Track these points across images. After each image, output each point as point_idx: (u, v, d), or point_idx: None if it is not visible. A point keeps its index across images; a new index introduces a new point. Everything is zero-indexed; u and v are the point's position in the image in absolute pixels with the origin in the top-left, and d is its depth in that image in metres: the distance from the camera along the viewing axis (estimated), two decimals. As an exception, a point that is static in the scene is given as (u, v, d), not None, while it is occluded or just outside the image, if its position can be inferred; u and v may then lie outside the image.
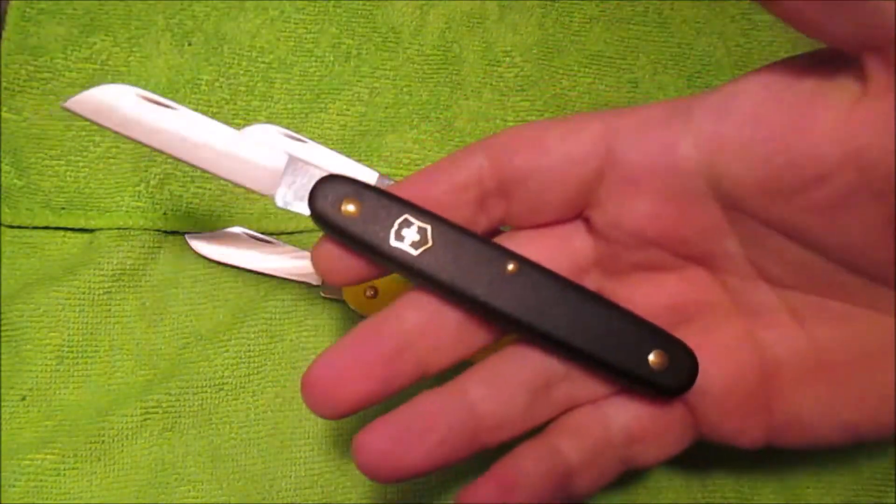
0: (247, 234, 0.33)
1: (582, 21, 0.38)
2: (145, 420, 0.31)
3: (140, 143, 0.24)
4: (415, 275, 0.22)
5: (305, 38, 0.37)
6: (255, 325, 0.32)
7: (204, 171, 0.24)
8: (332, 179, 0.23)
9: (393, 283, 0.32)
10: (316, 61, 0.36)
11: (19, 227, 0.34)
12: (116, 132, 0.24)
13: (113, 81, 0.35)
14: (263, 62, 0.36)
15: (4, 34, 0.36)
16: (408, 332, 0.23)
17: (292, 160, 0.24)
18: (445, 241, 0.22)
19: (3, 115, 0.35)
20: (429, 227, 0.22)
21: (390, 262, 0.22)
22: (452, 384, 0.24)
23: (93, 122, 0.24)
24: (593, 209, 0.24)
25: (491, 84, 0.36)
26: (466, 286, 0.22)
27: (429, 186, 0.23)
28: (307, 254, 0.33)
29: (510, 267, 0.22)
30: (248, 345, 0.32)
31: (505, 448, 0.24)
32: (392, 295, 0.32)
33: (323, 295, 0.33)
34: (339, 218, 0.22)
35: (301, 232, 0.34)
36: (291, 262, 0.33)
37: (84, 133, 0.35)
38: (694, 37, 0.38)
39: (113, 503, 0.30)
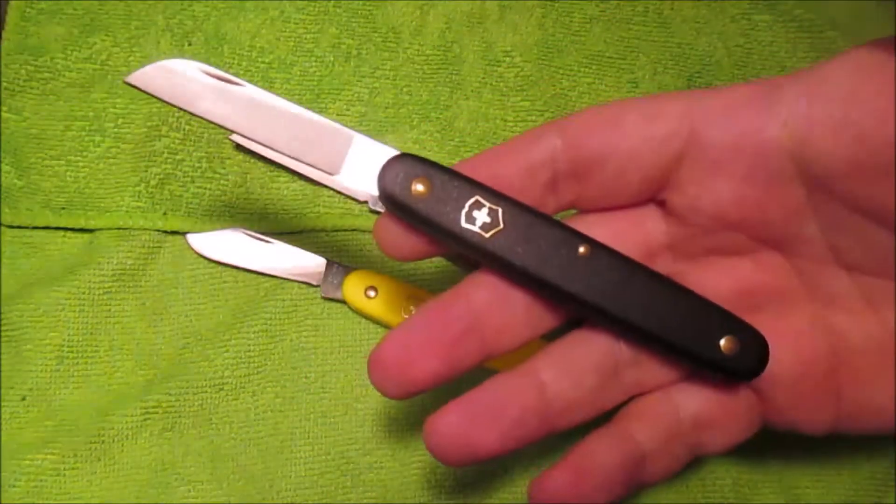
0: (247, 234, 0.33)
1: (582, 21, 0.38)
2: (145, 420, 0.31)
3: (203, 118, 0.23)
4: (485, 257, 0.22)
5: (305, 38, 0.37)
6: (255, 325, 0.32)
7: (267, 147, 0.23)
8: (402, 158, 0.22)
9: (393, 283, 0.32)
10: (316, 61, 0.36)
11: (19, 227, 0.34)
12: (179, 107, 0.23)
13: (113, 81, 0.35)
14: (263, 62, 0.36)
15: (4, 34, 0.36)
16: (476, 312, 0.22)
17: (358, 140, 0.23)
18: (517, 223, 0.22)
19: (3, 115, 0.35)
20: (500, 209, 0.22)
21: (460, 243, 0.22)
22: (523, 367, 0.23)
23: (155, 97, 0.23)
24: (671, 191, 0.23)
25: (491, 84, 0.36)
26: (538, 269, 0.22)
27: (499, 166, 0.23)
28: (307, 254, 0.33)
29: (582, 250, 0.22)
30: (248, 345, 0.32)
31: (571, 435, 0.24)
32: (392, 295, 0.32)
33: (323, 295, 0.33)
34: (408, 198, 0.22)
35: (301, 232, 0.34)
36: (291, 262, 0.33)
37: (84, 133, 0.35)
38: (694, 37, 0.38)
39: (113, 503, 0.30)
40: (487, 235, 0.22)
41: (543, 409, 0.23)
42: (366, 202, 0.34)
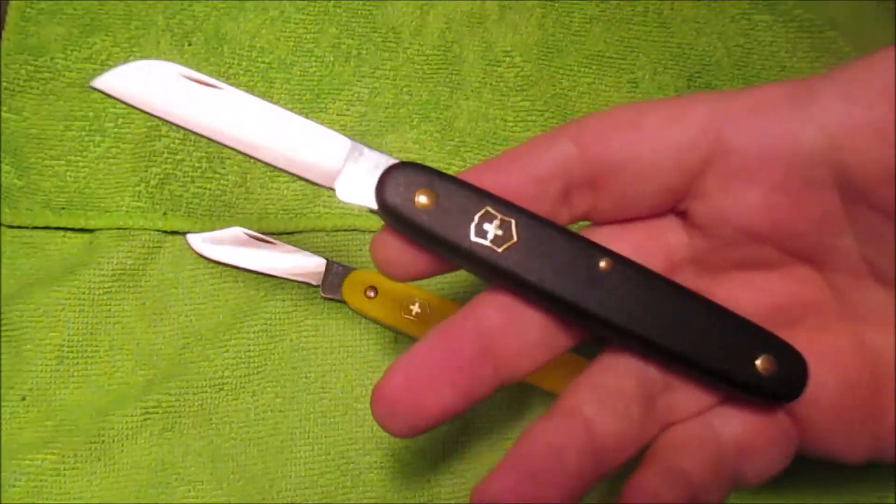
0: (247, 234, 0.33)
1: (582, 21, 0.38)
2: (145, 420, 0.31)
3: (178, 126, 0.21)
4: (497, 274, 0.20)
5: (305, 38, 0.37)
6: (255, 325, 0.32)
7: (252, 158, 0.21)
8: (402, 167, 0.20)
9: (393, 284, 0.32)
10: (316, 61, 0.36)
11: (19, 227, 0.34)
12: (150, 114, 0.21)
13: (113, 81, 0.35)
14: (263, 62, 0.36)
15: (4, 34, 0.36)
16: (487, 335, 0.21)
17: (355, 146, 0.21)
18: (532, 236, 0.20)
19: (3, 115, 0.35)
20: (513, 221, 0.20)
21: (469, 259, 0.20)
22: (561, 406, 0.21)
23: (124, 103, 0.21)
24: (694, 201, 0.22)
25: (491, 84, 0.36)
26: (556, 286, 0.20)
27: (507, 175, 0.21)
28: (307, 254, 0.33)
29: (603, 264, 0.20)
30: (248, 345, 0.32)
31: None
32: (392, 295, 0.32)
33: (323, 295, 0.33)
34: (411, 211, 0.20)
35: (301, 232, 0.34)
36: (291, 262, 0.33)
37: (84, 133, 0.35)
38: (694, 37, 0.38)
39: (113, 503, 0.30)
40: (500, 250, 0.20)
41: (596, 451, 0.20)
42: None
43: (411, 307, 0.32)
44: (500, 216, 0.20)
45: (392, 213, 0.20)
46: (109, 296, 0.33)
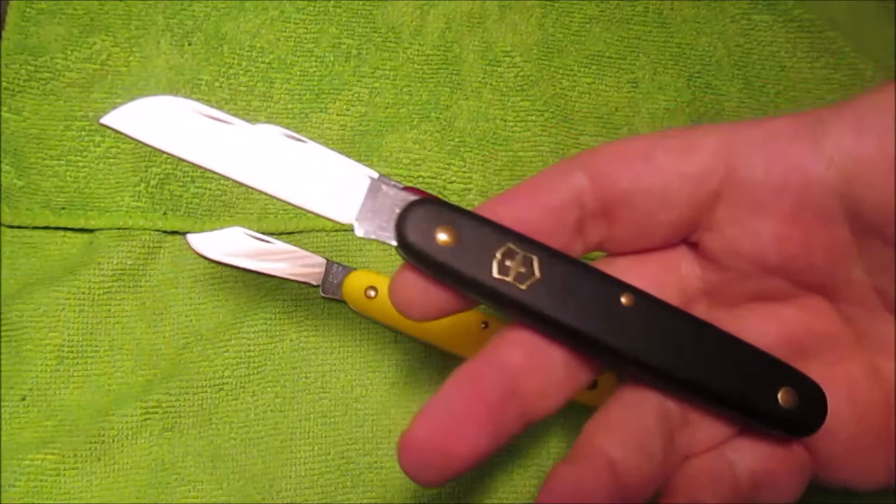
0: (247, 234, 0.33)
1: (582, 21, 0.38)
2: (145, 420, 0.31)
3: (191, 163, 0.21)
4: (521, 310, 0.20)
5: (305, 38, 0.37)
6: (255, 325, 0.32)
7: (270, 196, 0.21)
8: (421, 204, 0.20)
9: (393, 283, 0.32)
10: (316, 61, 0.36)
11: (19, 227, 0.34)
12: (162, 151, 0.21)
13: (113, 81, 0.35)
14: (263, 62, 0.36)
15: (4, 34, 0.36)
16: (513, 376, 0.20)
17: (375, 183, 0.21)
18: (554, 272, 0.20)
19: (3, 115, 0.35)
20: (535, 258, 0.20)
21: (492, 297, 0.20)
22: (584, 447, 0.21)
23: (134, 140, 0.21)
24: (706, 233, 0.22)
25: (491, 84, 0.36)
26: (579, 322, 0.20)
27: (522, 209, 0.21)
28: (307, 254, 0.33)
29: (624, 300, 0.20)
30: (248, 345, 0.32)
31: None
32: (392, 295, 0.32)
33: (323, 295, 0.33)
34: (433, 248, 0.19)
35: (301, 232, 0.34)
36: (291, 262, 0.33)
37: (84, 133, 0.35)
38: (694, 37, 0.38)
39: (113, 503, 0.30)
40: (523, 287, 0.20)
41: (623, 491, 0.20)
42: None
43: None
44: (521, 252, 0.20)
45: (413, 252, 0.20)
46: (109, 296, 0.33)
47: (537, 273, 0.20)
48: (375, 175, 0.21)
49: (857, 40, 0.38)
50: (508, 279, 0.20)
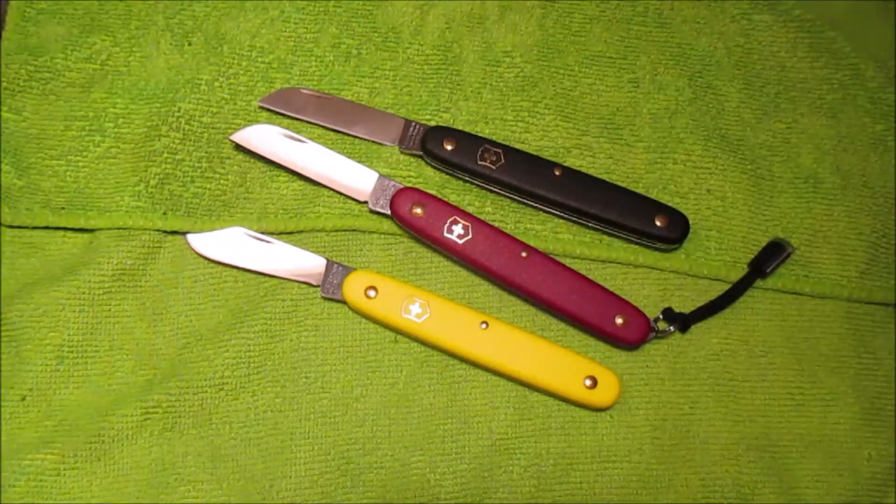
0: (247, 234, 0.33)
1: (582, 21, 0.38)
2: (145, 420, 0.31)
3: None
4: (494, 183, 0.34)
5: (305, 38, 0.37)
6: (255, 325, 0.32)
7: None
8: (436, 130, 0.29)
9: (393, 283, 0.32)
10: (316, 61, 0.36)
11: (19, 227, 0.34)
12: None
13: (113, 81, 0.35)
14: (263, 62, 0.36)
15: (4, 34, 0.36)
16: None
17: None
18: (510, 159, 0.34)
19: (3, 115, 0.35)
20: (501, 152, 0.34)
21: (476, 175, 0.34)
22: None
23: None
24: None
25: (491, 84, 0.36)
26: (525, 184, 0.34)
27: None
28: (307, 254, 0.33)
29: (557, 172, 0.34)
30: (248, 345, 0.32)
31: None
32: (392, 295, 0.32)
33: (323, 295, 0.33)
34: (443, 151, 0.34)
35: (301, 232, 0.34)
36: (291, 262, 0.33)
37: (84, 133, 0.35)
38: (694, 37, 0.38)
39: (113, 503, 0.30)
40: (495, 168, 0.34)
41: None
42: (366, 202, 0.34)
43: (411, 307, 0.32)
44: (493, 150, 0.34)
45: (431, 154, 0.34)
46: (109, 296, 0.33)
47: (503, 160, 0.34)
48: (377, 175, 0.33)
49: (857, 40, 0.38)
50: (486, 164, 0.33)
